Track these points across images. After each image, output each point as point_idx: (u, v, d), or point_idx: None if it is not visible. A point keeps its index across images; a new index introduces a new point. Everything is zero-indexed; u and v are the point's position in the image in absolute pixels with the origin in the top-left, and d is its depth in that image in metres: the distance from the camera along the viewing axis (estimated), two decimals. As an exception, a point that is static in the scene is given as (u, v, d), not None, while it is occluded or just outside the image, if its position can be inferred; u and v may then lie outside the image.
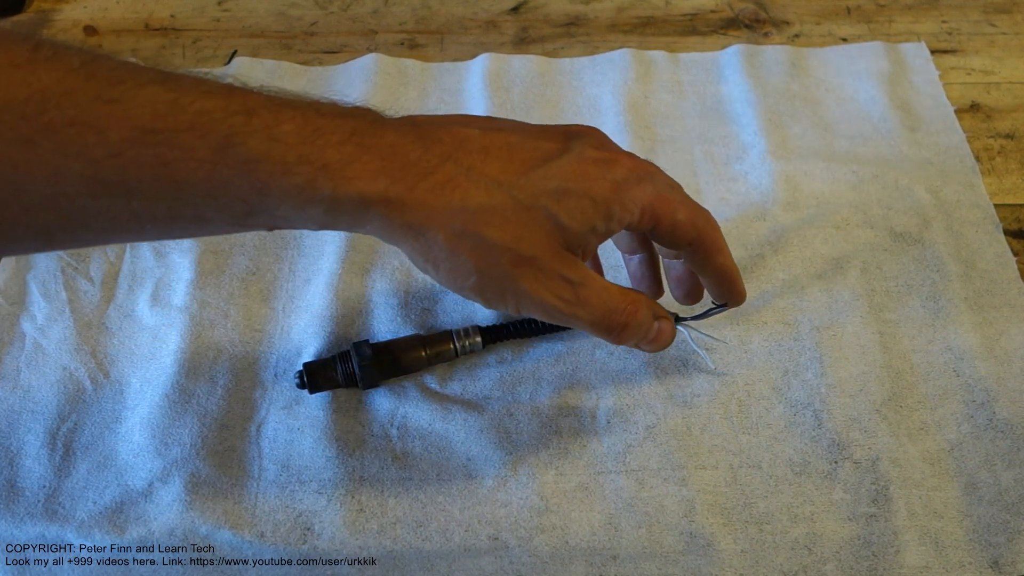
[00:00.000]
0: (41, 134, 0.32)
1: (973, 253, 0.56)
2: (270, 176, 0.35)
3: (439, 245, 0.38)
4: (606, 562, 0.45)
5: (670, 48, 0.70)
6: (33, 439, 0.48)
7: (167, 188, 0.34)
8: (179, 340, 0.51)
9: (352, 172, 0.36)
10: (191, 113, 0.34)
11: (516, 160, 0.39)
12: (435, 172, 0.37)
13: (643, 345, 0.44)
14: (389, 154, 0.37)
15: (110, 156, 0.33)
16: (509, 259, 0.38)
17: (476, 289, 0.39)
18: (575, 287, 0.40)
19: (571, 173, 0.40)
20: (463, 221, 0.37)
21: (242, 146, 0.34)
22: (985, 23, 0.72)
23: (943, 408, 0.49)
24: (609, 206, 0.40)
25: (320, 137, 0.36)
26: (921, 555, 0.44)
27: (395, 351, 0.49)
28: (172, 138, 0.34)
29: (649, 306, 0.43)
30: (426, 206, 0.37)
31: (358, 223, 0.37)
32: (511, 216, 0.38)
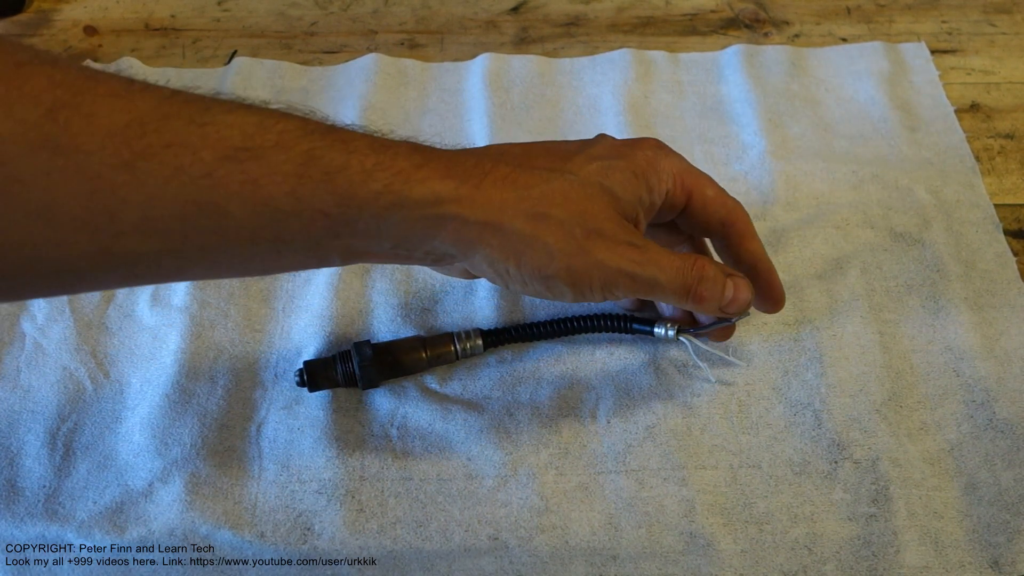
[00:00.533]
0: (140, 157, 0.33)
1: (973, 253, 0.56)
2: (350, 184, 0.37)
3: (517, 233, 0.40)
4: (606, 562, 0.45)
5: (670, 48, 0.70)
6: (33, 439, 0.48)
7: (255, 205, 0.36)
8: (179, 340, 0.51)
9: (423, 175, 0.38)
10: (275, 132, 0.36)
11: (556, 153, 0.43)
12: (492, 172, 0.40)
13: (726, 306, 0.45)
14: (449, 162, 0.40)
15: (203, 176, 0.34)
16: (581, 232, 0.41)
17: (562, 273, 0.41)
18: (643, 250, 0.42)
19: (608, 152, 0.43)
20: (532, 204, 0.40)
21: (323, 159, 0.37)
22: (985, 23, 0.72)
23: (943, 408, 0.49)
24: (647, 176, 0.43)
25: (390, 149, 0.38)
26: (921, 555, 0.44)
27: (396, 352, 0.49)
28: (260, 155, 0.36)
29: (716, 264, 0.45)
30: (495, 200, 0.39)
31: (434, 230, 0.39)
32: (571, 194, 0.41)
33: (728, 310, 0.45)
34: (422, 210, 0.39)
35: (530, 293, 0.43)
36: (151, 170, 0.34)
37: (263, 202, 0.36)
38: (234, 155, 0.35)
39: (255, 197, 0.36)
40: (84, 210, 0.33)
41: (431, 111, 0.66)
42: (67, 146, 0.32)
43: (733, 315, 0.46)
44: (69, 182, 0.32)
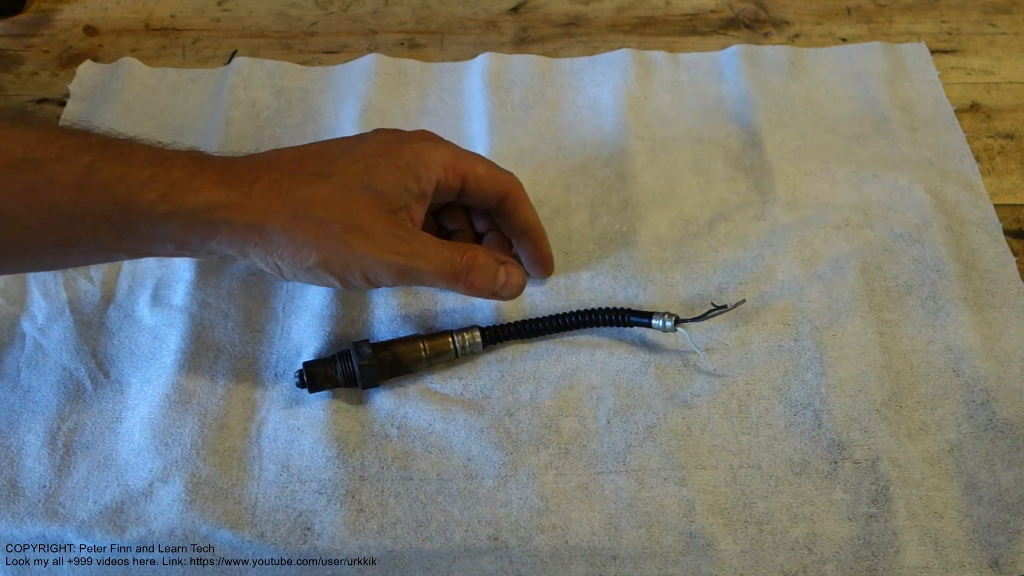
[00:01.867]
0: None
1: (973, 253, 0.56)
2: (128, 193, 0.41)
3: (278, 235, 0.43)
4: (606, 562, 0.45)
5: (670, 48, 0.70)
6: (33, 439, 0.48)
7: (37, 212, 0.40)
8: (179, 340, 0.51)
9: (197, 184, 0.42)
10: (56, 147, 0.40)
11: (326, 156, 0.46)
12: (261, 178, 0.44)
13: (499, 291, 0.49)
14: (223, 170, 0.43)
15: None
16: (340, 228, 0.44)
17: (322, 264, 0.44)
18: (408, 242, 0.45)
19: (374, 150, 0.47)
20: (294, 208, 0.44)
21: (103, 171, 0.40)
22: (985, 23, 0.72)
23: (943, 408, 0.49)
24: (413, 168, 0.46)
25: (166, 161, 0.42)
26: (921, 555, 0.44)
27: (395, 351, 0.49)
28: (41, 166, 0.39)
29: (489, 253, 0.49)
30: (261, 204, 0.43)
31: (210, 232, 0.43)
32: (333, 195, 0.44)
33: (502, 294, 0.50)
34: (196, 216, 0.42)
35: (304, 281, 0.47)
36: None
37: (47, 208, 0.40)
38: (17, 165, 0.39)
39: (38, 204, 0.40)
40: None
41: (431, 111, 0.66)
42: None
43: (506, 298, 0.50)
44: None
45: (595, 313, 0.51)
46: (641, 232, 0.57)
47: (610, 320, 0.51)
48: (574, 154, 0.62)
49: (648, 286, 0.54)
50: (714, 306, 0.49)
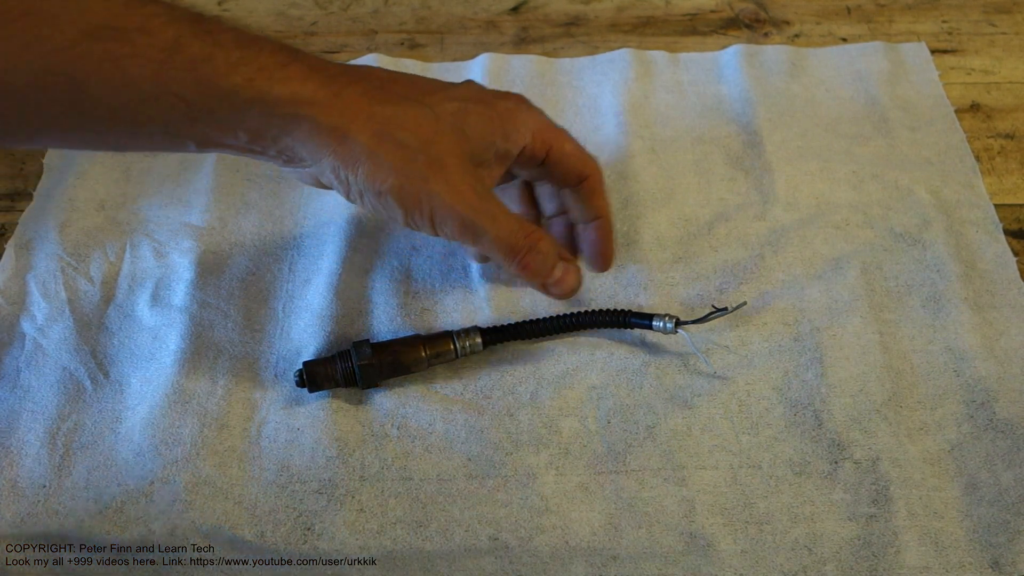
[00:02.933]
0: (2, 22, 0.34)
1: (973, 253, 0.56)
2: (213, 74, 0.38)
3: (360, 146, 0.41)
4: (606, 562, 0.45)
5: (670, 48, 0.70)
6: (33, 439, 0.48)
7: (115, 84, 0.36)
8: (179, 340, 0.51)
9: (286, 74, 0.39)
10: (142, 15, 0.37)
11: (420, 86, 0.44)
12: (353, 85, 0.41)
13: (550, 284, 0.48)
14: (316, 65, 0.41)
15: (63, 48, 0.35)
16: (424, 160, 0.42)
17: (394, 191, 0.42)
18: (483, 199, 0.44)
19: (471, 95, 0.44)
20: (381, 123, 0.41)
21: (189, 48, 0.37)
22: (985, 23, 0.72)
23: (943, 408, 0.49)
24: (504, 125, 0.44)
25: (256, 44, 0.39)
26: (921, 555, 0.44)
27: (395, 351, 0.49)
28: (124, 35, 0.36)
29: (554, 243, 0.47)
30: (350, 109, 0.40)
31: (289, 127, 0.40)
32: (423, 123, 0.42)
33: (551, 289, 0.48)
34: (280, 108, 0.39)
35: (368, 210, 0.44)
36: (8, 37, 0.34)
37: (124, 82, 0.37)
38: (97, 33, 0.35)
39: (116, 76, 0.36)
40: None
41: (431, 111, 0.66)
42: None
43: (555, 296, 0.49)
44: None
45: (595, 314, 0.51)
46: (641, 232, 0.57)
47: (610, 322, 0.51)
48: (574, 154, 0.62)
49: (648, 286, 0.54)
50: (715, 308, 0.49)
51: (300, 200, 0.59)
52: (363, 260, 0.55)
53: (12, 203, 0.61)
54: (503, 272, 0.54)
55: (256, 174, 0.61)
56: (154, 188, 0.60)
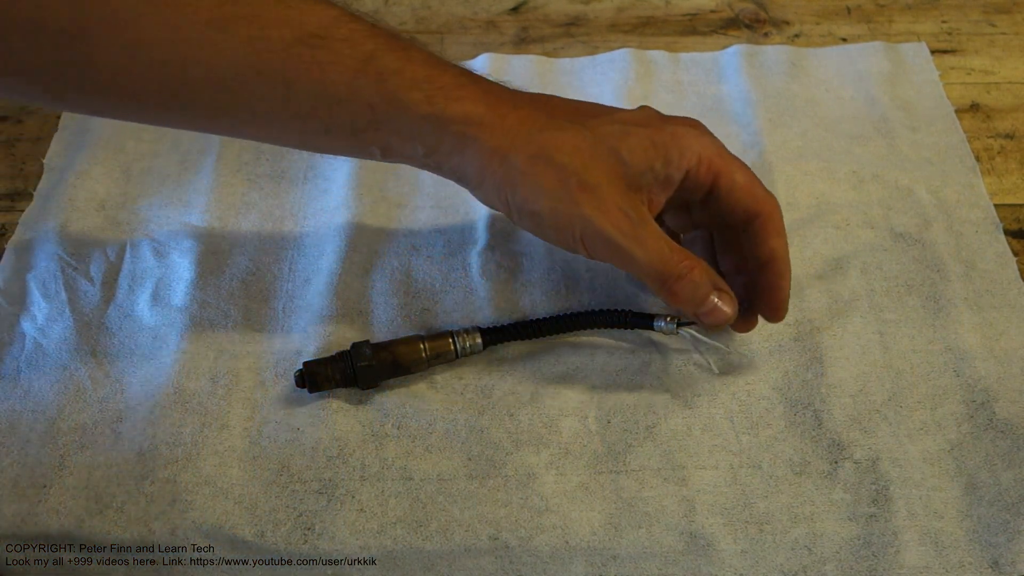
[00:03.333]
0: (225, 20, 0.39)
1: (973, 253, 0.56)
2: (399, 87, 0.42)
3: (518, 167, 0.43)
4: (606, 562, 0.45)
5: (670, 48, 0.70)
6: (34, 438, 0.48)
7: (315, 85, 0.42)
8: (179, 340, 0.51)
9: (461, 94, 0.43)
10: (347, 28, 0.42)
11: (584, 110, 0.46)
12: (521, 109, 0.44)
13: (702, 314, 0.46)
14: (488, 90, 0.44)
15: (278, 51, 0.40)
16: (576, 183, 0.43)
17: (547, 213, 0.44)
18: (633, 223, 0.44)
19: (634, 119, 0.45)
20: (539, 146, 0.43)
21: (382, 60, 0.42)
22: (985, 23, 0.72)
23: (943, 408, 0.49)
24: (667, 148, 0.44)
25: (440, 66, 0.44)
26: (921, 555, 0.44)
27: (395, 351, 0.49)
28: (330, 44, 0.41)
29: (709, 272, 0.46)
30: (512, 132, 0.43)
31: (459, 146, 0.44)
32: (580, 146, 0.43)
33: (703, 318, 0.46)
34: (452, 126, 0.43)
35: (526, 227, 0.46)
36: (232, 33, 0.39)
37: (323, 85, 0.42)
38: (308, 40, 0.41)
39: (317, 79, 0.41)
40: (166, 54, 0.39)
41: (431, 111, 0.66)
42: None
43: (707, 325, 0.46)
44: (157, 28, 0.39)
45: (597, 315, 0.51)
46: (641, 232, 0.57)
47: (612, 321, 0.51)
48: (574, 154, 0.62)
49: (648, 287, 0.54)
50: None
51: (300, 200, 0.59)
52: (363, 260, 0.55)
53: (12, 203, 0.61)
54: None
55: (257, 174, 0.61)
56: (154, 188, 0.60)
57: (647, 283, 0.46)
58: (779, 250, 0.46)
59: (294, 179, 0.60)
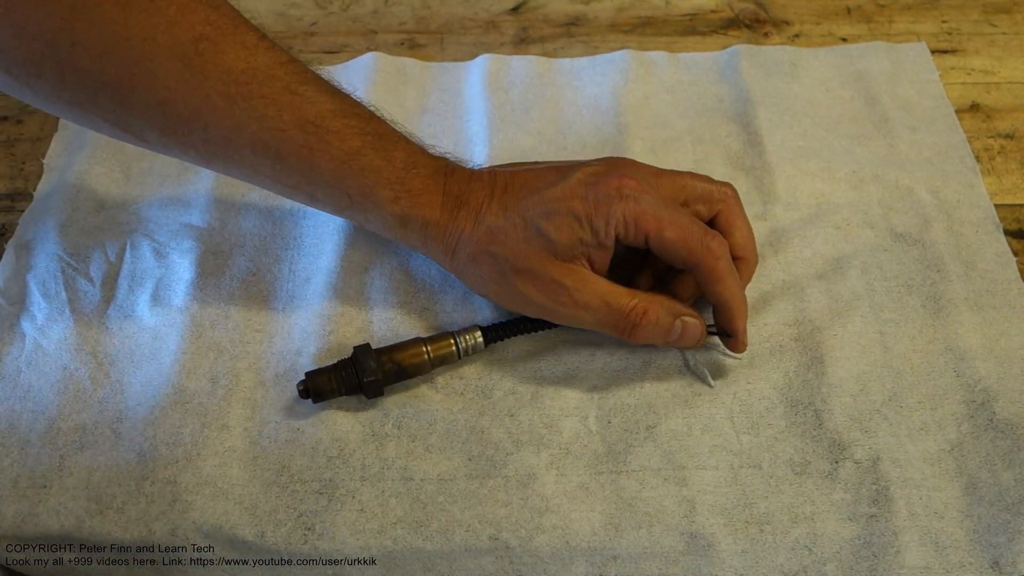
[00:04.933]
0: (241, 97, 0.45)
1: (973, 253, 0.56)
2: (375, 184, 0.48)
3: (463, 261, 0.49)
4: (607, 562, 0.45)
5: (670, 48, 0.70)
6: (34, 439, 0.48)
7: (303, 167, 0.47)
8: (179, 340, 0.51)
9: (424, 200, 0.49)
10: (342, 123, 0.47)
11: (524, 190, 0.49)
12: (470, 203, 0.49)
13: (673, 342, 0.49)
14: (449, 192, 0.49)
15: (278, 129, 0.46)
16: (510, 269, 0.48)
17: (493, 294, 0.50)
18: (570, 291, 0.48)
19: (558, 196, 0.48)
20: (480, 240, 0.48)
21: (365, 158, 0.47)
22: (985, 23, 0.72)
23: (943, 408, 0.49)
24: (592, 220, 0.47)
25: (414, 168, 0.49)
26: (922, 555, 0.44)
27: (399, 358, 0.49)
28: (323, 134, 0.46)
29: (665, 305, 0.48)
30: (458, 231, 0.49)
31: (421, 241, 0.50)
32: (512, 235, 0.48)
33: (676, 345, 0.49)
34: (411, 224, 0.49)
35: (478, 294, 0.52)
36: (244, 108, 0.45)
37: (311, 167, 0.47)
38: (304, 126, 0.46)
39: (307, 161, 0.47)
40: (188, 114, 0.44)
41: (430, 111, 0.66)
42: (196, 67, 0.44)
43: (683, 348, 0.50)
44: (186, 91, 0.44)
45: None
46: (641, 232, 0.57)
47: None
48: (574, 154, 0.62)
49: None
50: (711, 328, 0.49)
51: (300, 201, 0.59)
52: (362, 259, 0.55)
53: (12, 203, 0.61)
54: None
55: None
56: (154, 189, 0.60)
57: (609, 333, 0.49)
58: (723, 294, 0.48)
59: (294, 179, 0.60)
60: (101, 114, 0.45)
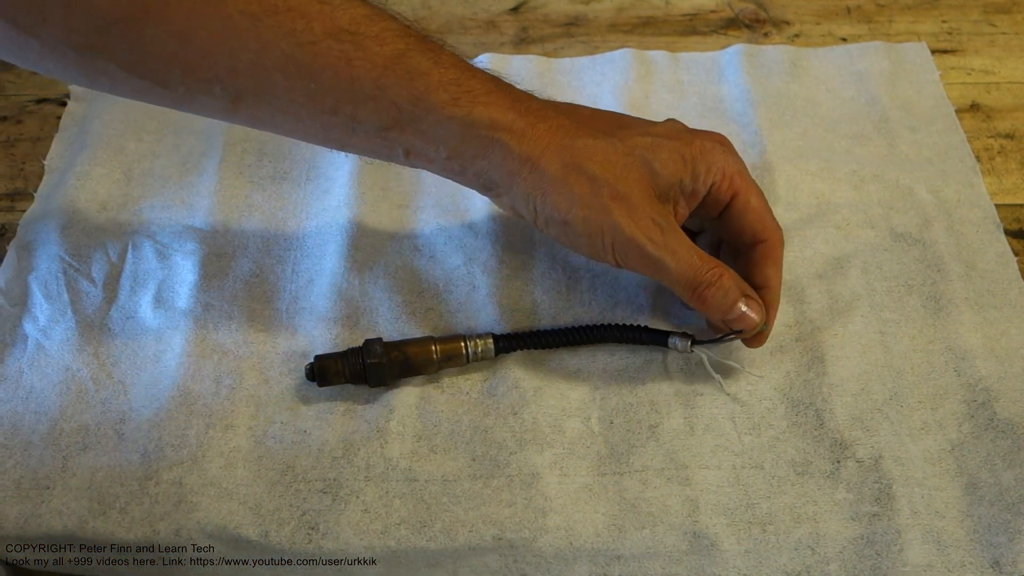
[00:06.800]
0: (266, 13, 0.40)
1: (974, 253, 0.56)
2: (426, 88, 0.42)
3: (549, 175, 0.44)
4: (610, 562, 0.45)
5: (670, 48, 0.70)
6: (36, 440, 0.48)
7: (342, 81, 0.42)
8: (183, 342, 0.51)
9: (489, 100, 0.43)
10: (379, 26, 0.42)
11: (617, 122, 0.47)
12: (551, 119, 0.44)
13: (731, 320, 0.47)
14: (519, 98, 0.45)
15: (309, 43, 0.41)
16: (608, 192, 0.44)
17: (578, 221, 0.44)
18: (664, 232, 0.45)
19: (665, 132, 0.46)
20: (572, 155, 0.44)
21: (411, 60, 0.42)
22: (985, 23, 0.72)
23: (944, 408, 0.49)
24: (695, 163, 0.46)
25: (470, 70, 0.44)
26: (924, 553, 0.44)
27: (407, 351, 0.49)
28: (360, 40, 0.42)
29: (737, 279, 0.47)
30: (543, 140, 0.44)
31: (484, 149, 0.44)
32: (612, 157, 0.44)
33: (732, 324, 0.47)
34: (477, 129, 0.43)
35: (553, 236, 0.46)
36: (270, 25, 0.41)
37: (350, 81, 0.42)
38: (338, 34, 0.41)
39: (344, 74, 0.42)
40: (210, 43, 0.41)
41: (432, 111, 0.66)
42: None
43: (736, 330, 0.48)
44: (206, 16, 0.40)
45: (611, 329, 0.51)
46: (643, 232, 0.57)
47: (626, 337, 0.51)
48: (575, 154, 0.62)
49: (649, 286, 0.54)
50: (730, 330, 0.49)
51: (302, 201, 0.59)
52: (366, 259, 0.55)
53: (12, 203, 0.60)
54: None
55: (260, 176, 0.60)
56: (156, 190, 0.60)
57: (677, 290, 0.46)
58: (772, 279, 0.48)
59: (296, 180, 0.60)
60: (114, 57, 0.41)
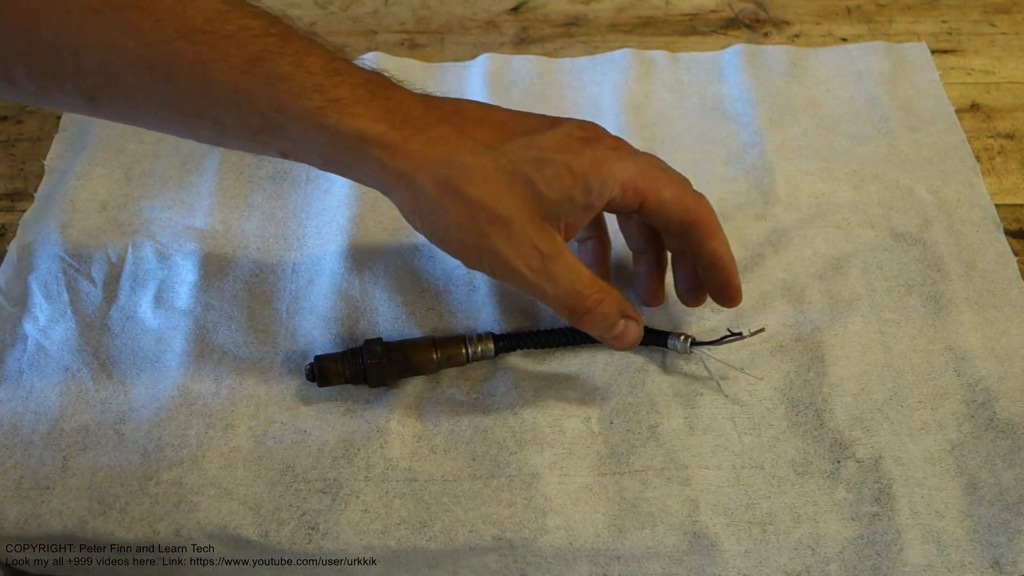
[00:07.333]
0: (108, 7, 0.37)
1: (974, 253, 0.56)
2: (288, 95, 0.40)
3: (425, 195, 0.41)
4: (610, 562, 0.45)
5: (670, 48, 0.70)
6: (36, 440, 0.48)
7: (199, 85, 0.39)
8: (183, 342, 0.51)
9: (357, 111, 0.40)
10: (236, 25, 0.39)
11: (505, 130, 0.43)
12: (430, 129, 0.41)
13: (608, 339, 0.46)
14: (394, 107, 0.41)
15: (160, 43, 0.38)
16: (486, 216, 0.41)
17: (456, 243, 0.43)
18: (544, 259, 0.42)
19: (553, 145, 0.43)
20: (447, 174, 0.41)
21: (270, 63, 0.39)
22: (985, 23, 0.72)
23: (944, 408, 0.49)
24: (587, 178, 0.42)
25: (338, 75, 0.41)
26: (924, 553, 0.44)
27: (407, 351, 0.49)
28: (214, 41, 0.39)
29: (618, 301, 0.46)
30: (417, 156, 0.41)
31: (357, 161, 0.41)
32: (492, 176, 0.41)
33: (610, 343, 0.47)
34: (345, 141, 0.41)
35: (436, 245, 0.45)
36: (115, 23, 0.38)
37: (207, 85, 0.39)
38: (191, 35, 0.38)
39: (201, 77, 0.39)
40: (53, 37, 0.38)
41: (432, 111, 0.66)
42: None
43: (612, 347, 0.48)
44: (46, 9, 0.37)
45: None
46: (643, 232, 0.57)
47: None
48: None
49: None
50: (730, 332, 0.49)
51: (303, 201, 0.59)
52: (366, 259, 0.55)
53: (12, 203, 0.60)
54: None
55: (259, 176, 0.60)
56: (156, 190, 0.60)
57: (557, 313, 0.45)
58: (719, 250, 0.47)
59: (296, 180, 0.60)
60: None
